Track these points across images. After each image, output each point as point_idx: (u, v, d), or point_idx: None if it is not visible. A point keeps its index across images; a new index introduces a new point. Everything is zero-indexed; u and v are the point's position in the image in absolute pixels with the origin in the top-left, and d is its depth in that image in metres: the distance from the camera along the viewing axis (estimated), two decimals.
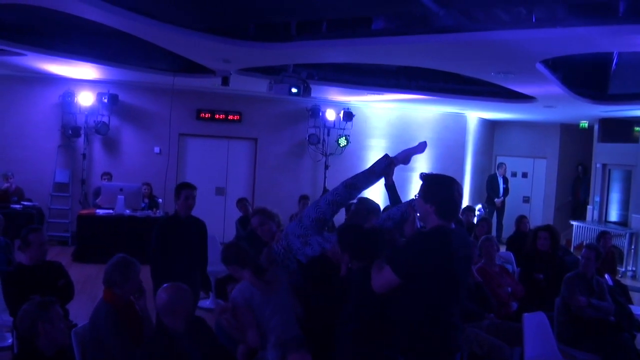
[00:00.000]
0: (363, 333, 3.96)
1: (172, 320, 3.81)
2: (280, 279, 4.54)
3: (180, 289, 3.92)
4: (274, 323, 4.33)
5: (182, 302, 3.86)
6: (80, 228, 11.41)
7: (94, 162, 13.37)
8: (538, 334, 5.76)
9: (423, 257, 3.60)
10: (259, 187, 14.56)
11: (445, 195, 3.69)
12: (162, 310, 3.85)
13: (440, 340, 3.65)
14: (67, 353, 3.90)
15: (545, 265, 7.27)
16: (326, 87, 11.80)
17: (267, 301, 4.41)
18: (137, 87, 13.37)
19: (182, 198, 6.10)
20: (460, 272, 3.73)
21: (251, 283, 4.47)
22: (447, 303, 3.68)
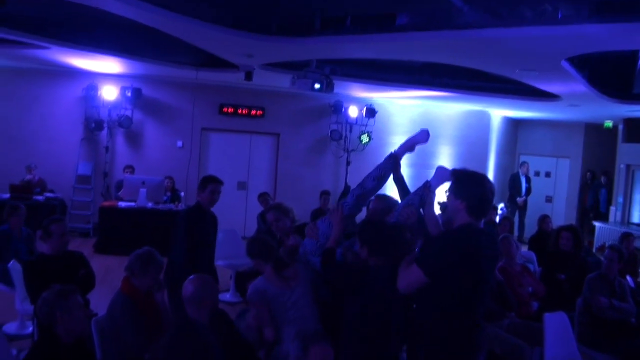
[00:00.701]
0: (368, 333, 3.94)
1: (197, 312, 3.84)
2: (300, 274, 4.54)
3: (206, 281, 3.96)
4: (292, 317, 4.34)
5: (207, 293, 3.88)
6: (102, 220, 11.50)
7: (117, 155, 13.47)
8: (558, 334, 5.70)
9: (452, 256, 3.54)
10: (281, 182, 14.58)
11: (477, 192, 3.63)
12: (188, 301, 3.88)
13: (465, 340, 3.62)
14: (87, 342, 3.94)
15: (567, 265, 7.20)
16: (349, 83, 11.78)
17: (283, 296, 4.43)
18: (160, 81, 13.43)
19: (207, 191, 6.03)
20: (487, 272, 3.68)
21: (267, 278, 4.50)
22: (472, 303, 3.63)
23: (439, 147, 15.35)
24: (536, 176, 16.77)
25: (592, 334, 6.15)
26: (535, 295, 6.64)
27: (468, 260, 3.53)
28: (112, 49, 10.15)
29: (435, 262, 3.58)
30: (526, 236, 13.95)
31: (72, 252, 5.79)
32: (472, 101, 13.61)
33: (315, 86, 9.37)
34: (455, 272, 3.54)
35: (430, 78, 11.49)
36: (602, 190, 15.56)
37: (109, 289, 8.13)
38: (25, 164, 12.22)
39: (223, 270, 8.77)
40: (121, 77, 13.06)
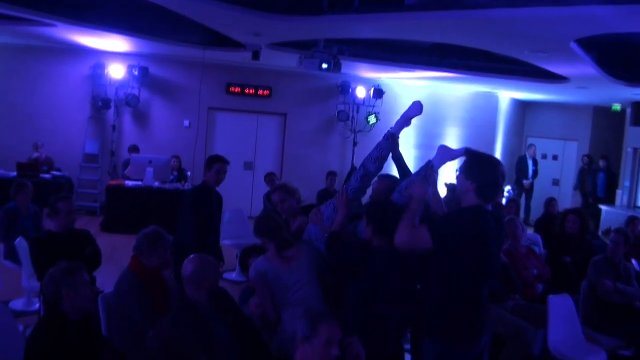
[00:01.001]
0: (369, 316, 3.95)
1: (196, 292, 3.81)
2: (303, 256, 4.51)
3: (207, 261, 3.92)
4: (292, 298, 4.33)
5: (207, 274, 3.85)
6: (109, 199, 11.55)
7: (124, 134, 13.48)
8: (563, 317, 5.72)
9: (459, 231, 3.55)
10: (287, 163, 14.59)
11: (489, 175, 3.62)
12: (187, 280, 3.85)
13: (469, 321, 3.63)
14: (93, 318, 3.95)
15: (573, 248, 7.19)
16: (357, 63, 11.72)
17: (282, 276, 4.41)
18: (167, 60, 13.40)
19: (213, 171, 6.05)
20: (492, 254, 3.68)
21: (268, 258, 4.50)
22: (477, 283, 3.65)
23: (446, 128, 15.31)
24: (543, 159, 16.70)
25: (596, 316, 6.16)
26: (541, 277, 6.63)
27: (475, 241, 3.53)
28: (119, 27, 10.11)
29: (443, 232, 3.58)
30: (532, 219, 13.93)
31: (79, 230, 5.80)
32: (480, 82, 13.54)
33: (322, 66, 9.34)
34: (462, 250, 3.54)
35: (438, 59, 11.43)
36: (600, 174, 15.32)
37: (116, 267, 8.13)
38: (32, 143, 12.25)
39: (229, 250, 8.80)
40: (128, 55, 13.03)
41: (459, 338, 3.62)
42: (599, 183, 15.28)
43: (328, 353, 3.24)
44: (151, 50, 12.38)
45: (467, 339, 3.65)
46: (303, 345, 3.30)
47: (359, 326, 3.90)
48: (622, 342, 5.92)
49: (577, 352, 5.45)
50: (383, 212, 4.02)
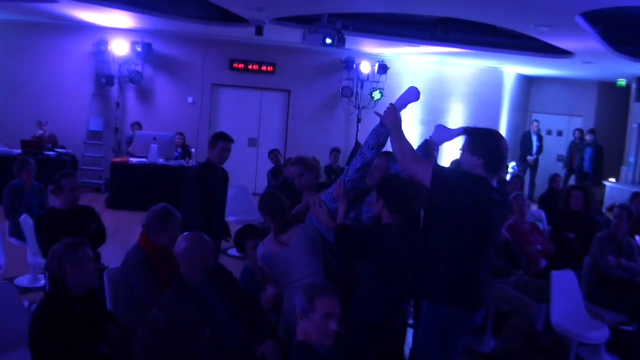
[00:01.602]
0: (383, 292, 3.94)
1: (189, 270, 3.81)
2: (299, 237, 4.44)
3: (201, 239, 3.90)
4: (295, 279, 4.34)
5: (200, 252, 3.82)
6: (114, 176, 11.58)
7: (127, 110, 13.48)
8: (565, 292, 5.74)
9: (462, 191, 3.58)
10: (291, 139, 14.58)
11: (494, 148, 3.64)
12: (179, 258, 3.84)
13: (465, 292, 3.65)
14: (98, 294, 3.98)
15: (577, 224, 7.19)
16: (361, 38, 11.66)
17: (276, 258, 4.41)
18: (170, 36, 13.35)
19: (217, 149, 6.05)
20: (495, 227, 3.70)
21: (265, 242, 4.51)
22: (477, 252, 3.65)
23: (451, 104, 15.26)
24: (548, 135, 16.64)
25: (599, 292, 6.17)
26: (544, 253, 6.65)
27: (477, 200, 3.56)
28: (122, 2, 10.07)
29: (447, 180, 3.63)
30: (536, 195, 13.93)
31: (84, 206, 5.82)
32: (485, 58, 13.46)
33: (326, 41, 9.30)
34: (461, 214, 3.57)
35: (443, 33, 11.36)
36: (588, 149, 14.99)
37: (121, 243, 8.24)
38: (35, 120, 12.27)
39: (234, 226, 8.81)
40: (131, 31, 12.98)
41: (453, 307, 3.64)
42: (586, 158, 14.99)
43: (326, 328, 3.25)
44: (154, 26, 12.33)
45: (462, 310, 3.66)
46: (302, 321, 3.31)
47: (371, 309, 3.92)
48: (624, 318, 5.94)
49: (580, 327, 5.48)
50: (394, 187, 4.00)
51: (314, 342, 3.28)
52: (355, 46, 13.09)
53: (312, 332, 3.27)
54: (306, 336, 3.31)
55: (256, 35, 11.14)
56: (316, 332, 3.26)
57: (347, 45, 10.29)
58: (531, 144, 15.49)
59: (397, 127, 3.98)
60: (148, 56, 13.12)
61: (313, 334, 3.27)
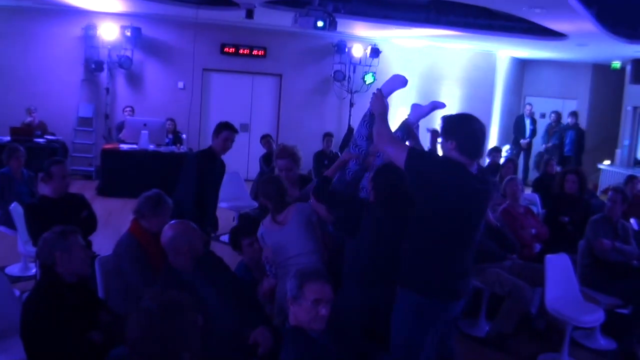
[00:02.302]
0: (368, 276, 3.99)
1: (177, 258, 3.82)
2: (293, 214, 4.54)
3: (188, 227, 3.90)
4: (289, 255, 4.40)
5: (187, 240, 3.83)
6: (105, 162, 11.54)
7: (117, 96, 13.41)
8: (560, 276, 5.77)
9: (437, 171, 3.54)
10: (283, 124, 14.56)
11: (466, 130, 3.57)
12: (166, 247, 3.85)
13: (438, 280, 3.60)
14: (89, 282, 3.98)
15: (571, 207, 7.21)
16: (353, 21, 11.63)
17: (272, 236, 4.52)
18: (160, 20, 13.27)
19: (221, 138, 5.97)
20: (473, 212, 3.63)
21: (264, 222, 4.61)
22: (453, 241, 3.59)
23: (443, 88, 15.26)
24: (542, 118, 16.65)
25: (594, 275, 6.20)
26: (538, 237, 6.68)
27: (452, 189, 3.50)
28: None
29: (421, 160, 3.61)
30: (530, 179, 13.97)
31: (74, 194, 5.82)
32: (478, 40, 13.44)
33: (318, 24, 9.25)
34: (436, 199, 3.52)
35: (436, 16, 11.33)
36: (569, 132, 14.88)
37: (112, 231, 8.24)
38: (24, 107, 12.18)
39: (225, 212, 8.83)
40: (120, 16, 12.89)
41: (422, 294, 3.60)
42: (567, 142, 14.86)
43: (316, 313, 3.27)
44: (144, 10, 12.25)
45: (432, 298, 3.61)
46: (292, 305, 3.35)
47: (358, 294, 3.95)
48: (619, 301, 5.97)
49: (574, 311, 5.51)
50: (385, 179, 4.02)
51: (305, 327, 3.31)
52: (347, 29, 13.05)
53: (303, 317, 3.30)
54: (297, 321, 3.33)
55: (247, 18, 11.09)
56: (306, 317, 3.29)
57: (338, 29, 10.25)
58: (525, 127, 15.49)
59: (382, 114, 3.98)
60: (138, 41, 13.03)
61: (303, 318, 3.30)
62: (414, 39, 14.12)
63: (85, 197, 5.89)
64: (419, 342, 3.67)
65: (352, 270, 4.05)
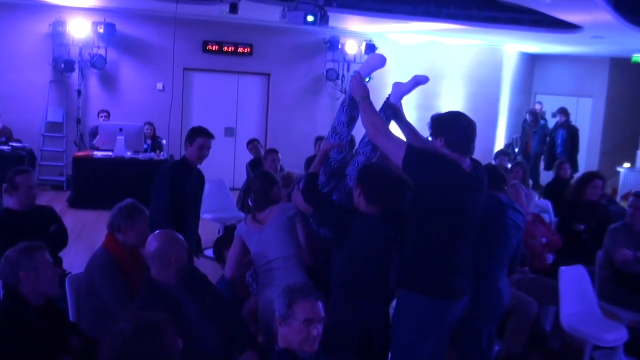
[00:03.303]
0: (356, 291, 3.97)
1: (162, 271, 3.78)
2: (275, 214, 4.54)
3: (173, 237, 3.88)
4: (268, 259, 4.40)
5: (175, 250, 3.81)
6: (76, 171, 11.46)
7: (90, 99, 13.37)
8: (576, 290, 5.75)
9: (433, 168, 3.79)
10: (272, 127, 14.54)
11: (453, 126, 3.86)
12: (151, 259, 3.81)
13: (437, 278, 3.83)
14: (58, 303, 3.94)
15: (587, 214, 7.18)
16: (346, 15, 11.60)
17: (251, 236, 4.54)
18: (136, 15, 13.26)
19: (195, 146, 5.75)
20: (467, 207, 3.87)
21: (248, 220, 4.64)
22: (450, 237, 3.84)
23: (445, 86, 15.28)
24: (554, 118, 16.68)
25: (614, 289, 6.18)
26: (550, 246, 6.66)
27: (448, 187, 3.78)
28: None
29: (419, 157, 3.83)
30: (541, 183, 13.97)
31: (42, 206, 5.78)
32: (483, 34, 13.47)
33: (308, 19, 9.25)
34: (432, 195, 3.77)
35: (436, 9, 11.33)
36: (560, 132, 14.64)
37: (85, 246, 8.19)
38: None
39: (210, 224, 8.80)
40: (92, 10, 12.86)
41: (422, 293, 3.82)
42: (558, 142, 14.62)
43: (308, 334, 3.25)
44: (118, 4, 12.24)
45: (434, 297, 3.82)
46: (281, 326, 3.32)
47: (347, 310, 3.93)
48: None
49: (594, 328, 5.49)
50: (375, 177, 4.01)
51: (296, 349, 3.28)
52: (340, 24, 13.05)
53: (293, 339, 3.28)
54: (287, 342, 3.30)
55: (231, 13, 11.06)
56: (297, 339, 3.27)
57: (330, 24, 10.25)
58: None
59: (365, 98, 4.15)
60: (112, 38, 12.99)
61: (294, 340, 3.28)
62: (412, 34, 14.14)
63: (55, 210, 5.85)
64: (421, 345, 3.86)
65: (340, 282, 4.03)
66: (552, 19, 10.93)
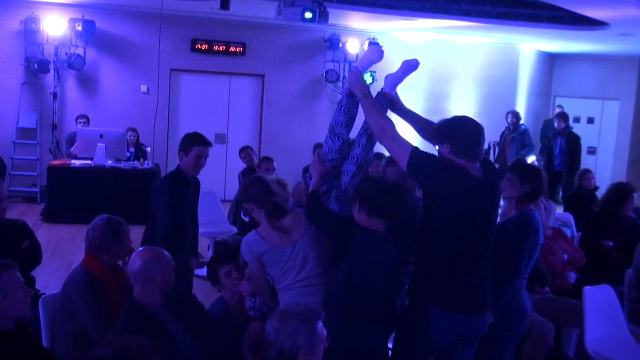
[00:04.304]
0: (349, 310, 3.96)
1: (147, 291, 3.76)
2: (304, 224, 4.37)
3: (159, 255, 3.86)
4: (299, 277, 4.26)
5: (161, 269, 3.79)
6: (52, 182, 11.44)
7: (67, 103, 13.37)
8: (603, 311, 5.72)
9: (439, 174, 3.98)
10: (266, 134, 14.55)
11: (459, 132, 4.02)
12: (135, 278, 3.79)
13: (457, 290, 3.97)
14: (30, 327, 3.91)
15: (617, 230, 7.15)
16: (347, 11, 11.64)
17: (283, 253, 4.29)
18: (118, 11, 13.29)
19: (192, 156, 5.66)
20: (479, 214, 4.02)
21: (261, 233, 4.35)
22: (460, 246, 3.97)
23: (456, 88, 15.30)
24: (576, 123, 16.67)
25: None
26: (572, 263, 6.62)
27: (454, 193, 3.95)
28: None
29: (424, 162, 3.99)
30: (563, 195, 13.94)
31: (13, 220, 5.78)
32: (497, 32, 13.49)
33: (306, 15, 9.28)
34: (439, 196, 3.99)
35: (446, 4, 11.36)
36: (558, 139, 13.85)
37: (61, 264, 8.18)
38: None
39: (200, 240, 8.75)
40: (69, 6, 12.88)
41: (443, 306, 3.96)
42: (556, 152, 13.94)
43: None
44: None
45: (454, 310, 3.97)
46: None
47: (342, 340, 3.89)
48: None
49: (622, 354, 5.46)
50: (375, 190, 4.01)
51: None
52: (340, 21, 13.09)
53: None
54: None
55: (222, 9, 11.07)
56: None
57: (330, 21, 10.28)
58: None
59: (367, 95, 4.28)
60: (91, 36, 12.99)
61: None
62: (420, 31, 14.15)
63: (27, 224, 5.83)
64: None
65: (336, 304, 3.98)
66: (574, 15, 10.94)
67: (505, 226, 4.75)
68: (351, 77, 4.46)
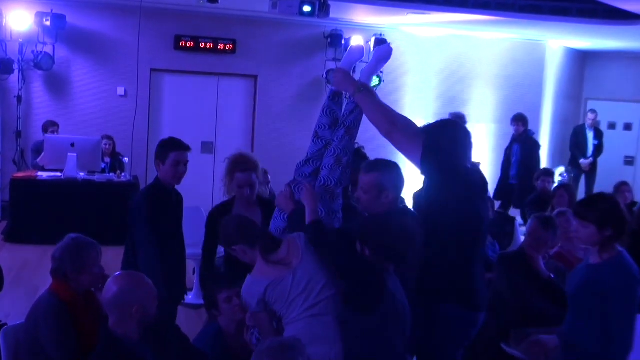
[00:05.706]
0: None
1: (121, 324, 3.76)
2: (301, 247, 4.36)
3: (138, 280, 3.86)
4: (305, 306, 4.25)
5: (138, 297, 3.77)
6: (15, 197, 11.46)
7: (34, 107, 13.40)
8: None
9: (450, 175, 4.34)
10: (260, 141, 14.59)
11: (447, 135, 4.40)
12: (109, 306, 3.79)
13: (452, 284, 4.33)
14: None
15: None
16: (350, 4, 11.69)
17: (285, 283, 4.27)
18: (92, 4, 13.36)
19: (169, 163, 5.65)
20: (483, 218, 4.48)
21: (260, 271, 4.35)
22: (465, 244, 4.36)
23: (474, 91, 15.32)
24: (611, 129, 16.69)
25: None
26: None
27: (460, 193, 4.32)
28: None
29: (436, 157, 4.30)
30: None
31: None
32: (520, 27, 13.53)
33: (304, 9, 9.32)
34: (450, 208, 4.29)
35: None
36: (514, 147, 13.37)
37: (26, 290, 8.18)
38: None
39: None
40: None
41: (444, 300, 4.33)
42: (512, 161, 13.43)
43: None
44: None
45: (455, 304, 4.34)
46: None
47: None
48: None
49: None
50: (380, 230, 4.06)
51: None
52: (343, 15, 13.15)
53: None
54: None
55: (209, 2, 11.14)
56: None
57: (332, 15, 10.33)
58: (585, 142, 15.43)
59: (361, 90, 4.57)
60: (61, 33, 13.04)
61: None
62: (432, 26, 14.18)
63: None
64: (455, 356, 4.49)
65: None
66: (607, 7, 10.98)
67: (595, 280, 4.64)
68: (338, 78, 4.76)
